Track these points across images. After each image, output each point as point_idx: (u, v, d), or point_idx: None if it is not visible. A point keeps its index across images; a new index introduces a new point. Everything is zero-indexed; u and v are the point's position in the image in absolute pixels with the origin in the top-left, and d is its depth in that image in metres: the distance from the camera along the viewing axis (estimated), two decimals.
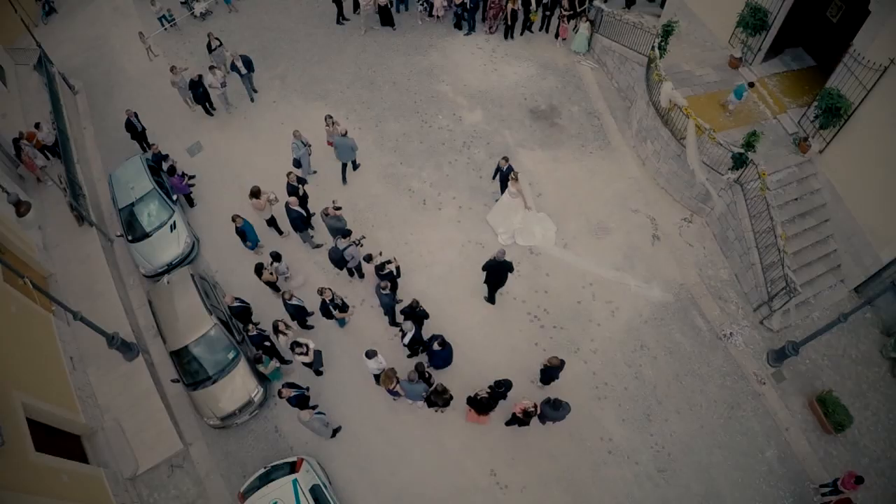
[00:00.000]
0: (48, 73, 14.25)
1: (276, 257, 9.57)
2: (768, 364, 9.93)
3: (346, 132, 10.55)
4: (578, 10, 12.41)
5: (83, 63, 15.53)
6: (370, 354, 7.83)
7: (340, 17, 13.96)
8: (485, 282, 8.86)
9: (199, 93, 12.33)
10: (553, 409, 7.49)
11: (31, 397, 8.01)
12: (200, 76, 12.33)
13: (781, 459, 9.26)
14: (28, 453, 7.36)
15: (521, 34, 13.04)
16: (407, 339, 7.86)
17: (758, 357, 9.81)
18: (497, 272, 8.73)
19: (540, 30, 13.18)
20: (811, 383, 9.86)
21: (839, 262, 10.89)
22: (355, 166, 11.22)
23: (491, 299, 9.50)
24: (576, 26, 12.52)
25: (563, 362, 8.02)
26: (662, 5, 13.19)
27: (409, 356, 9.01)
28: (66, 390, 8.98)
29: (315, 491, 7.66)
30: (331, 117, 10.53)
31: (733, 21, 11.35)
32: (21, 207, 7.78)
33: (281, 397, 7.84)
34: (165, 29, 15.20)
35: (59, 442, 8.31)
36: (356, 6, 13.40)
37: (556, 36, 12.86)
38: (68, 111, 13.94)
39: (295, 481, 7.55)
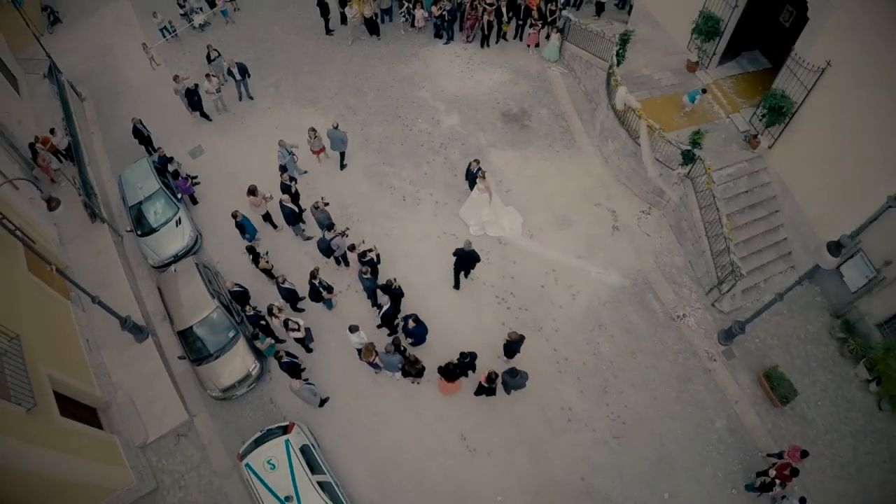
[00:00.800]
0: (59, 82, 15.70)
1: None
2: (719, 343, 11.17)
3: (337, 125, 11.98)
4: (549, 20, 13.85)
5: (89, 71, 16.97)
6: (353, 329, 9.16)
7: (327, 30, 15.33)
8: (454, 267, 10.13)
9: (194, 100, 13.75)
10: (511, 377, 8.80)
11: (55, 372, 9.41)
12: (196, 85, 13.73)
13: (731, 430, 10.49)
14: (54, 417, 8.71)
15: (497, 42, 14.39)
16: (383, 312, 9.18)
17: (709, 336, 11.06)
18: (465, 260, 10.04)
19: (514, 38, 14.56)
20: (760, 361, 11.08)
21: (790, 249, 12.15)
22: (344, 163, 12.64)
23: (456, 285, 10.74)
24: (547, 35, 13.96)
25: (522, 337, 9.33)
26: (630, 12, 14.61)
27: (390, 334, 10.34)
28: (83, 368, 10.33)
29: (305, 451, 8.98)
30: (314, 130, 11.92)
31: (690, 28, 12.74)
32: (52, 203, 9.14)
33: (278, 357, 9.20)
34: (167, 39, 16.63)
35: (79, 412, 9.64)
36: (343, 18, 14.73)
37: (529, 45, 14.18)
38: (77, 117, 15.39)
39: (287, 441, 8.88)
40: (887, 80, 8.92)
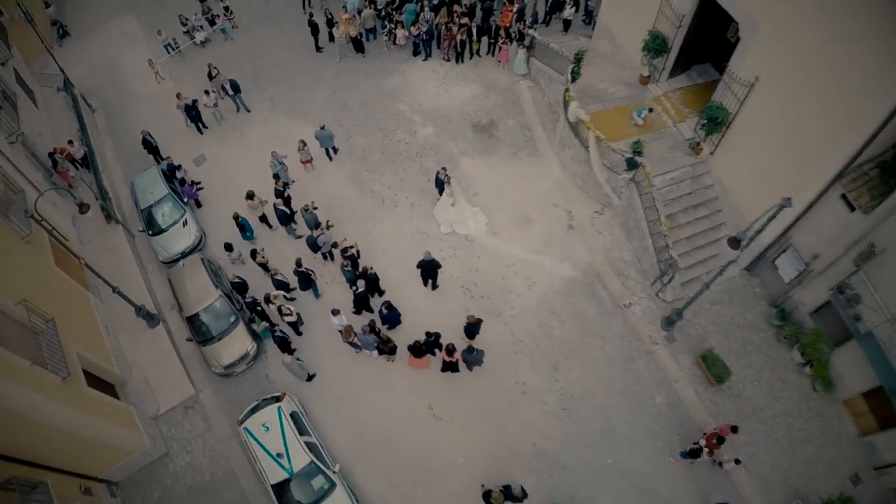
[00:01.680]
0: (73, 96, 17.77)
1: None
2: (661, 328, 12.98)
3: (324, 126, 14.13)
4: (517, 38, 15.76)
5: (98, 83, 18.98)
6: (335, 312, 11.10)
7: (317, 47, 17.23)
8: (420, 276, 12.07)
9: (192, 115, 15.69)
10: (468, 354, 10.69)
11: (82, 351, 11.40)
12: (195, 101, 15.64)
13: (670, 405, 12.30)
14: (83, 387, 10.67)
15: (471, 58, 16.32)
16: (356, 295, 11.16)
17: (653, 323, 12.88)
18: (428, 269, 11.97)
19: (487, 54, 16.50)
20: (700, 345, 12.89)
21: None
22: (335, 150, 14.73)
23: (431, 286, 12.51)
24: (516, 52, 15.87)
25: (479, 320, 11.21)
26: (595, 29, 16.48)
27: (356, 312, 12.21)
28: (103, 349, 12.31)
29: (294, 416, 10.90)
30: (303, 142, 13.94)
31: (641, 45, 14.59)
32: (83, 208, 11.09)
33: (272, 332, 11.12)
34: (171, 55, 18.71)
35: (101, 387, 11.64)
36: (331, 37, 16.69)
37: (500, 61, 16.01)
38: (90, 127, 17.48)
39: (279, 408, 10.81)
40: (803, 95, 10.76)
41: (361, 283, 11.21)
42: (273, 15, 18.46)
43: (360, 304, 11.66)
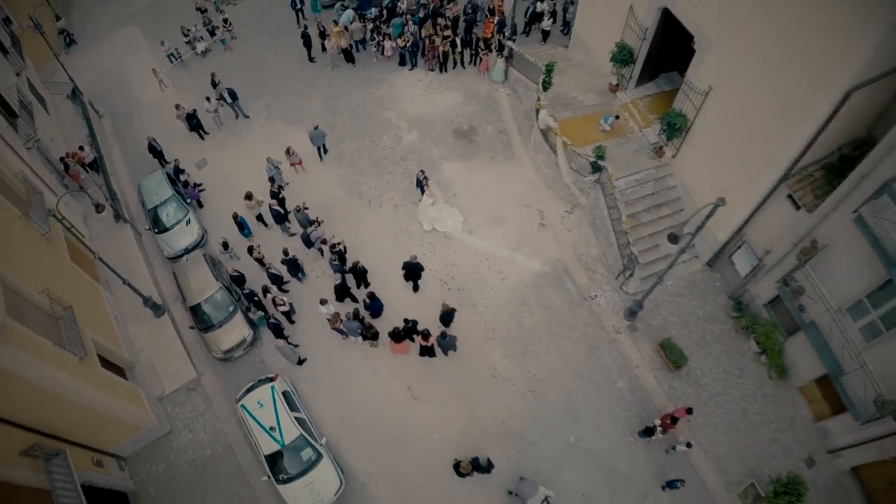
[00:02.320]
0: (82, 103, 19.45)
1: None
2: (624, 319, 14.42)
3: (317, 126, 15.75)
4: (496, 48, 17.28)
5: (104, 90, 20.65)
6: (323, 302, 12.63)
7: (310, 58, 18.81)
8: (403, 277, 13.58)
9: (193, 123, 17.26)
10: (442, 339, 12.18)
11: (95, 336, 12.99)
12: (195, 110, 17.16)
13: (631, 389, 13.73)
14: (97, 367, 12.25)
15: (454, 68, 17.85)
16: (337, 284, 12.85)
17: (616, 313, 14.33)
18: (411, 270, 13.49)
19: (469, 64, 18.05)
20: (661, 334, 14.31)
21: (693, 242, 15.40)
22: (326, 150, 16.35)
23: (413, 288, 14.06)
24: (496, 61, 17.40)
25: (453, 309, 12.69)
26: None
27: (337, 299, 13.70)
28: (114, 336, 13.87)
29: (286, 395, 12.43)
30: (291, 148, 15.58)
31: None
32: (99, 208, 12.68)
33: (267, 321, 12.66)
34: (173, 64, 20.38)
35: (112, 369, 13.24)
36: (324, 48, 18.26)
37: (480, 71, 17.44)
38: (98, 133, 19.21)
39: (272, 387, 12.34)
40: (749, 104, 12.18)
41: (338, 277, 12.88)
42: (270, 27, 20.09)
43: (341, 294, 13.24)
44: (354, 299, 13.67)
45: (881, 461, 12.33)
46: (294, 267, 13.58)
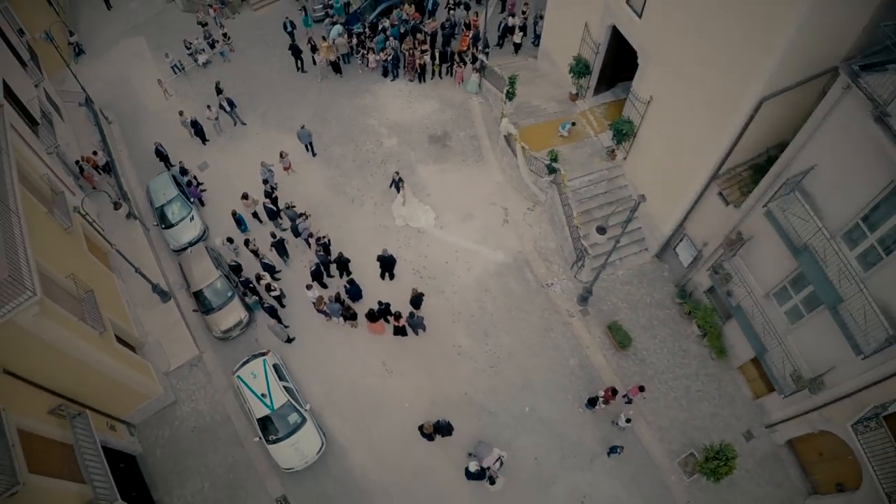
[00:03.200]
0: (94, 111, 22.17)
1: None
2: (577, 304, 16.69)
3: (304, 126, 18.14)
4: (470, 61, 19.71)
5: (113, 98, 23.21)
6: (308, 287, 15.04)
7: (299, 68, 21.26)
8: (380, 268, 15.98)
9: (196, 129, 19.79)
10: (411, 319, 14.57)
11: (111, 316, 15.47)
12: (196, 119, 19.63)
13: (582, 367, 16.00)
14: (113, 341, 14.72)
15: (432, 78, 20.28)
16: (312, 269, 15.41)
17: (570, 300, 16.62)
18: (385, 262, 15.91)
19: (446, 75, 20.51)
20: (611, 318, 16.57)
21: (642, 236, 17.67)
22: (312, 148, 18.76)
23: (389, 277, 16.42)
24: (470, 73, 19.78)
25: (421, 294, 15.03)
26: None
27: (338, 294, 16.00)
28: (126, 317, 16.34)
29: (276, 367, 14.82)
30: (284, 152, 17.99)
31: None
32: (117, 206, 15.17)
33: (261, 304, 15.06)
34: (177, 75, 22.97)
35: (125, 346, 15.74)
36: (314, 61, 20.78)
37: (456, 82, 19.87)
38: (108, 138, 21.81)
39: (264, 360, 14.74)
40: (683, 112, 14.45)
41: (314, 263, 15.64)
42: (266, 40, 22.59)
43: (317, 276, 15.79)
44: (325, 284, 16.25)
45: (810, 434, 14.50)
46: (281, 248, 16.23)
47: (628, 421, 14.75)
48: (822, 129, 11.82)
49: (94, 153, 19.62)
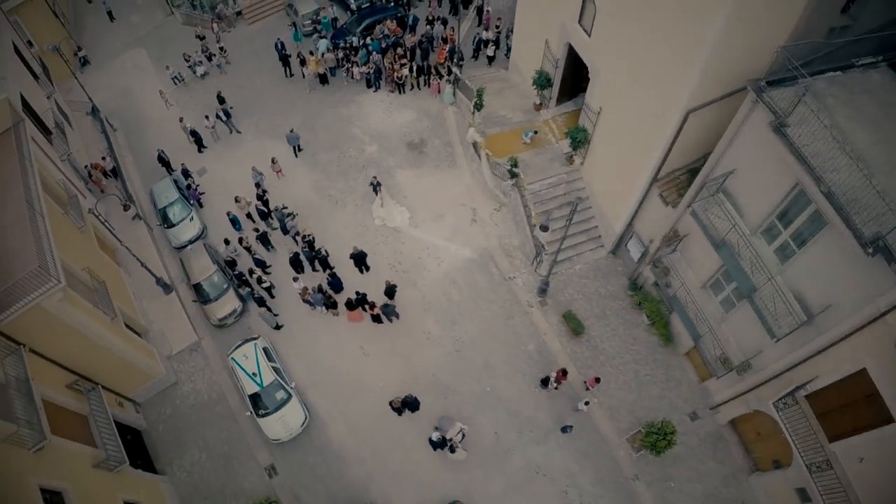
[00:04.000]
0: (101, 120, 24.79)
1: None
2: (536, 295, 19.05)
3: (293, 129, 20.71)
4: (446, 73, 22.14)
5: (117, 107, 25.78)
6: (295, 279, 17.51)
7: (288, 74, 23.78)
8: (354, 264, 18.49)
9: (196, 137, 22.28)
10: (385, 308, 17.01)
11: (120, 305, 18.01)
12: (195, 129, 22.20)
13: (539, 351, 18.34)
14: (122, 326, 17.25)
15: (411, 90, 22.73)
16: (290, 257, 17.93)
17: (530, 291, 18.97)
18: (358, 258, 18.36)
19: (425, 86, 22.98)
20: (566, 308, 18.92)
21: (599, 234, 20.00)
22: (300, 148, 21.30)
23: (365, 269, 18.93)
24: (446, 85, 22.22)
25: (394, 285, 17.46)
26: None
27: (321, 286, 18.57)
28: (132, 307, 18.85)
29: (265, 350, 17.27)
30: (275, 158, 20.52)
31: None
32: (126, 207, 17.72)
33: (253, 295, 17.58)
34: (177, 86, 25.54)
35: (133, 331, 18.28)
36: (303, 74, 23.20)
37: (433, 93, 22.29)
38: (113, 145, 24.41)
39: (255, 343, 17.20)
40: (626, 123, 16.78)
41: (292, 252, 18.38)
42: (258, 53, 25.09)
43: (293, 264, 18.39)
44: (301, 269, 18.84)
45: (748, 414, 16.74)
46: (265, 240, 19.00)
47: (587, 403, 17.06)
48: (737, 139, 13.96)
49: (103, 158, 22.21)
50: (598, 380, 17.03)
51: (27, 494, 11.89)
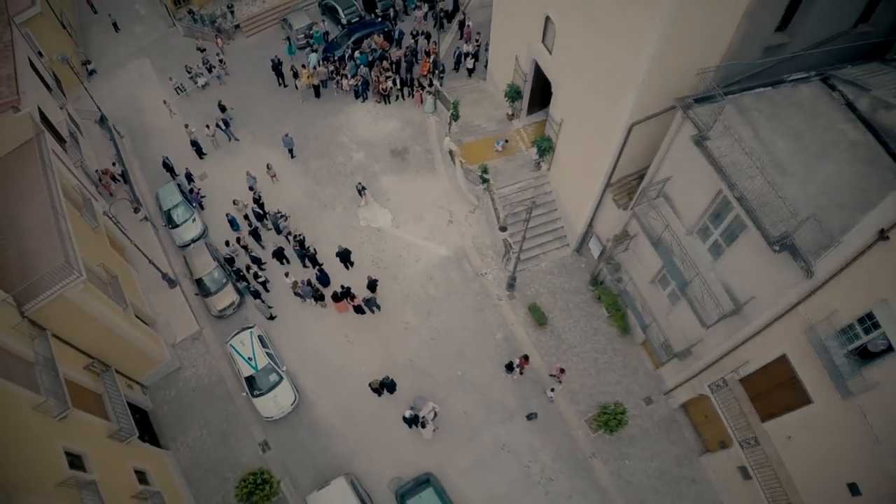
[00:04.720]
0: (109, 128, 27.39)
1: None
2: (505, 290, 21.44)
3: (287, 134, 23.17)
4: (427, 86, 24.58)
5: (123, 115, 28.32)
6: (287, 274, 20.03)
7: (281, 84, 26.32)
8: (340, 261, 20.96)
9: (196, 147, 24.66)
10: (366, 300, 19.48)
11: (131, 298, 20.57)
12: (196, 139, 24.73)
13: (506, 340, 20.72)
14: (133, 316, 19.78)
15: (396, 100, 25.20)
16: (274, 250, 20.49)
17: (500, 286, 21.36)
18: (343, 256, 20.80)
19: (409, 97, 25.42)
20: (532, 301, 21.29)
21: (565, 234, 22.38)
22: (293, 155, 23.77)
23: (350, 265, 21.41)
24: (427, 96, 24.66)
25: (376, 280, 19.94)
26: None
27: (309, 280, 21.10)
28: (141, 299, 21.42)
29: (260, 337, 19.78)
30: (270, 164, 23.03)
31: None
32: (136, 210, 20.33)
33: (249, 289, 20.11)
34: (179, 96, 28.08)
35: (141, 321, 20.85)
36: (296, 86, 25.79)
37: (416, 104, 24.74)
38: (121, 151, 27.02)
39: (251, 331, 19.72)
40: (582, 133, 19.12)
41: (276, 246, 21.08)
42: (255, 64, 27.59)
43: (278, 256, 20.97)
44: (287, 260, 21.37)
45: (695, 398, 19.06)
46: (257, 236, 21.54)
47: (552, 390, 19.43)
48: (671, 149, 16.29)
49: (113, 164, 24.81)
50: (562, 370, 19.35)
51: (54, 454, 14.42)
